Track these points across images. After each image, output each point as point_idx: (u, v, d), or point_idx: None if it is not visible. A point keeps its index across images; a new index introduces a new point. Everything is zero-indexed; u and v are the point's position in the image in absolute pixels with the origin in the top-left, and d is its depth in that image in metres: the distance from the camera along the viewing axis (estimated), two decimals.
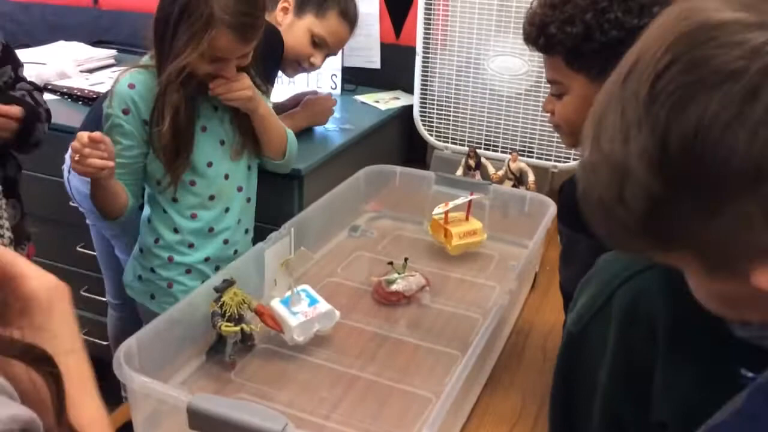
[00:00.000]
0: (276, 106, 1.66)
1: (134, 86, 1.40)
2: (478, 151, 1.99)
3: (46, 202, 1.98)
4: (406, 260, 1.47)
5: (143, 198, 1.51)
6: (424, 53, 2.06)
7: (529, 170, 1.92)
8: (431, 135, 2.14)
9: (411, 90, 2.15)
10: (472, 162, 1.96)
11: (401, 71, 2.23)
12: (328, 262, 1.57)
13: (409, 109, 2.17)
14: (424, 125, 2.14)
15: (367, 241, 1.68)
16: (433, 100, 2.11)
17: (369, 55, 2.34)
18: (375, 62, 2.35)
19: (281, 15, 1.82)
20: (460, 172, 1.96)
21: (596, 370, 0.74)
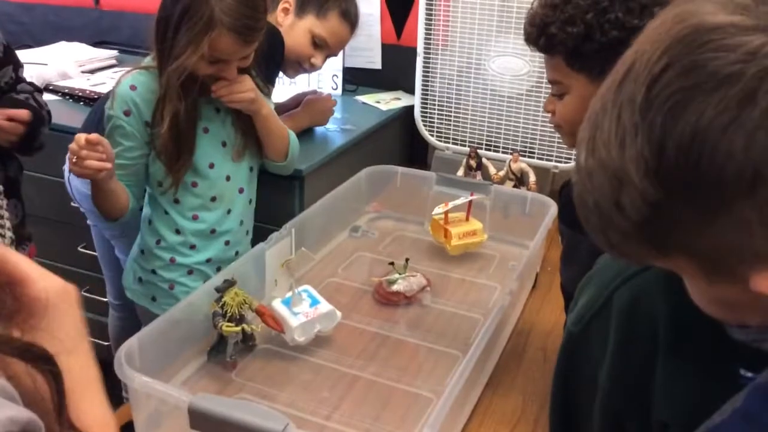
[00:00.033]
0: (277, 107, 1.66)
1: (135, 88, 1.40)
2: (479, 151, 1.99)
3: (48, 202, 1.98)
4: (407, 261, 1.48)
5: (144, 199, 1.51)
6: (425, 54, 2.06)
7: (530, 171, 1.92)
8: (432, 135, 2.14)
9: (412, 90, 2.15)
10: (473, 162, 1.96)
11: (402, 72, 2.23)
12: (329, 263, 1.57)
13: (410, 110, 2.17)
14: (425, 126, 2.14)
15: (368, 242, 1.68)
16: (434, 100, 2.11)
17: (370, 56, 2.34)
18: (376, 63, 2.35)
19: (282, 16, 1.81)
20: (461, 173, 1.96)
21: (596, 370, 0.74)
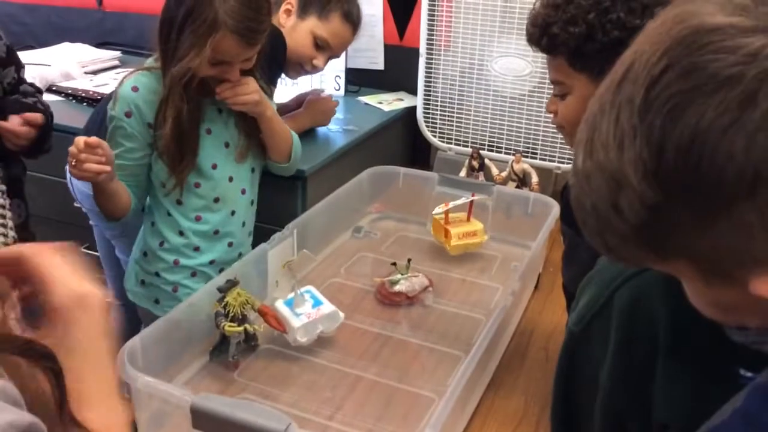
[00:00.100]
0: (278, 107, 1.66)
1: (138, 89, 1.40)
2: (481, 152, 1.99)
3: (51, 203, 1.98)
4: (410, 261, 1.48)
5: (146, 199, 1.51)
6: (428, 54, 2.07)
7: (532, 171, 1.91)
8: (434, 136, 2.14)
9: (414, 91, 2.15)
10: (475, 163, 1.96)
11: (405, 72, 2.23)
12: (332, 263, 1.57)
13: (412, 111, 2.17)
14: (428, 126, 2.14)
15: (371, 242, 1.68)
16: (437, 101, 2.11)
17: (372, 57, 2.35)
18: (378, 63, 2.36)
19: (284, 17, 1.81)
20: (463, 174, 1.96)
21: (597, 369, 0.74)
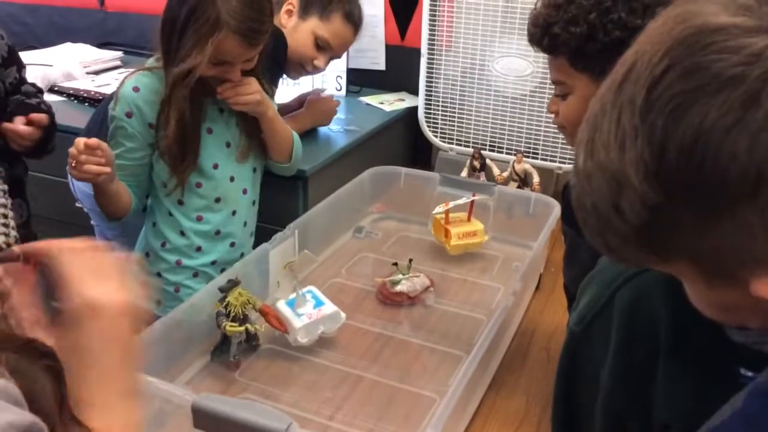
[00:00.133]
0: (279, 107, 1.66)
1: (138, 89, 1.40)
2: (482, 152, 1.99)
3: (52, 202, 1.99)
4: (411, 261, 1.48)
5: (147, 199, 1.51)
6: (429, 55, 2.07)
7: (533, 171, 1.91)
8: (436, 136, 2.14)
9: (416, 91, 2.15)
10: (476, 163, 1.96)
11: (406, 73, 2.23)
12: (333, 263, 1.57)
13: (413, 111, 2.17)
14: (429, 127, 2.14)
15: (372, 242, 1.68)
16: (438, 101, 2.11)
17: (374, 57, 2.35)
18: (380, 64, 2.36)
19: (285, 17, 1.81)
20: (464, 174, 1.96)
21: (598, 369, 0.73)
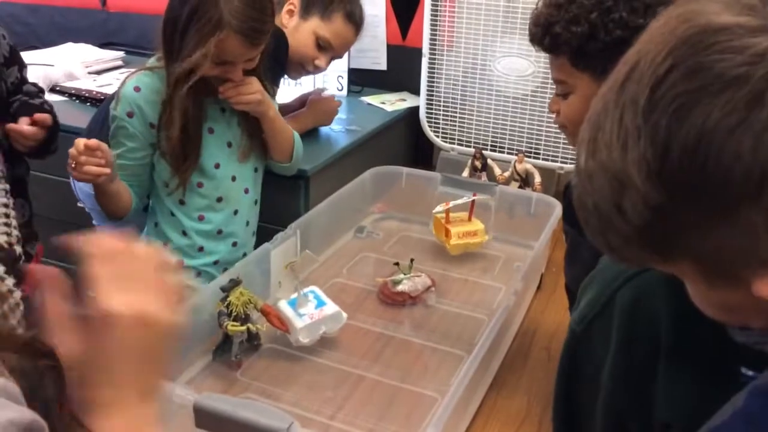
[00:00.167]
0: (281, 107, 1.66)
1: (140, 89, 1.40)
2: (484, 152, 1.99)
3: (54, 202, 1.99)
4: (412, 261, 1.48)
5: (148, 198, 1.51)
6: (431, 55, 2.07)
7: (535, 171, 1.91)
8: (437, 136, 2.14)
9: (417, 91, 2.15)
10: (478, 163, 1.96)
11: (407, 73, 2.23)
12: (334, 263, 1.57)
13: (415, 111, 2.17)
14: (431, 127, 2.14)
15: (373, 242, 1.68)
16: (440, 101, 2.11)
17: (375, 57, 2.35)
18: (381, 64, 2.36)
19: (287, 17, 1.81)
20: (466, 174, 1.96)
21: (599, 369, 0.73)
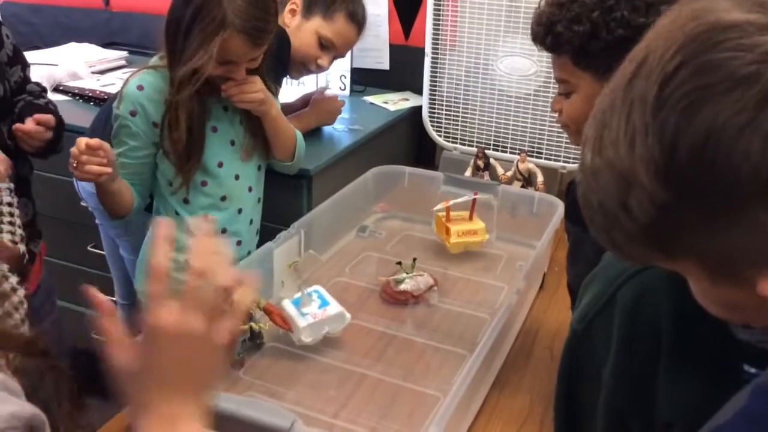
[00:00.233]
0: (284, 107, 1.66)
1: (143, 88, 1.41)
2: (486, 151, 1.99)
3: (58, 201, 1.99)
4: (415, 260, 1.48)
5: (150, 198, 1.51)
6: (433, 54, 2.07)
7: (537, 171, 1.91)
8: (440, 136, 2.14)
9: (420, 91, 2.15)
10: (480, 163, 1.96)
11: (410, 72, 2.23)
12: (337, 262, 1.58)
13: (418, 110, 2.17)
14: (433, 126, 2.14)
15: (376, 242, 1.68)
16: (442, 101, 2.11)
17: (378, 56, 2.35)
18: (384, 63, 2.36)
19: (289, 17, 1.82)
20: (468, 173, 1.96)
21: (600, 367, 0.73)
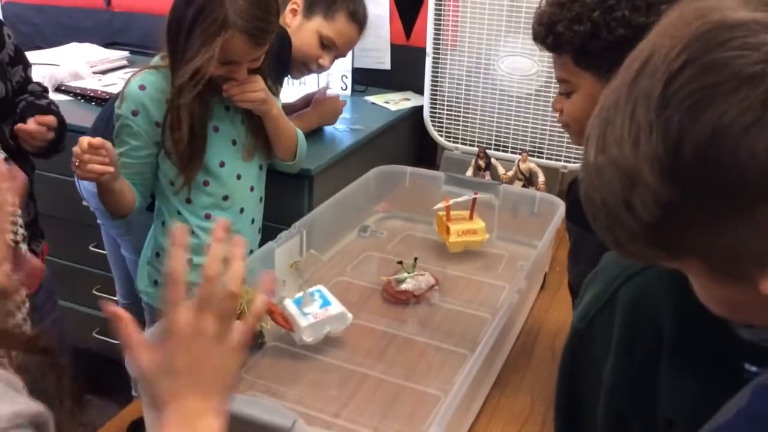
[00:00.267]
0: (286, 107, 1.66)
1: (145, 88, 1.41)
2: (488, 151, 1.99)
3: (59, 201, 1.99)
4: (416, 260, 1.48)
5: (152, 198, 1.52)
6: (435, 54, 2.07)
7: (539, 171, 1.92)
8: (441, 136, 2.15)
9: (421, 91, 2.15)
10: (482, 162, 1.97)
11: (411, 72, 2.23)
12: (338, 262, 1.58)
13: (419, 110, 2.17)
14: (434, 126, 2.15)
15: (377, 241, 1.69)
16: (444, 100, 2.11)
17: (379, 56, 2.35)
18: (385, 63, 2.36)
19: (290, 16, 1.81)
20: (470, 173, 1.96)
21: (600, 366, 0.73)
